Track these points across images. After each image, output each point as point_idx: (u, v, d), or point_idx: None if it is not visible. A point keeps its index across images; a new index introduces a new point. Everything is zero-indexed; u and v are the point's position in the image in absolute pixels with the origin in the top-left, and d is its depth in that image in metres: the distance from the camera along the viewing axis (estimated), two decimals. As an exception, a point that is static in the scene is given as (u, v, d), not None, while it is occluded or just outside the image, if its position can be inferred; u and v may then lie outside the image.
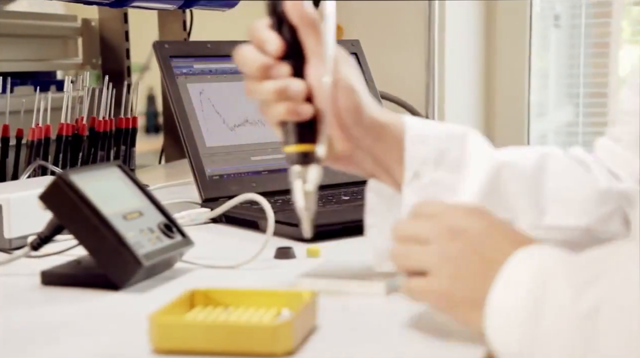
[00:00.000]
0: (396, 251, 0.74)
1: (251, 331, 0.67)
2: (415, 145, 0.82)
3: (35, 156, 1.32)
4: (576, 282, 0.63)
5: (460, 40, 2.19)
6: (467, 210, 0.72)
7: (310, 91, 0.79)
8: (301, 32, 0.79)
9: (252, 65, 0.79)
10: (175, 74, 1.27)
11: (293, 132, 0.79)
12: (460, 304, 0.69)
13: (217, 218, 1.19)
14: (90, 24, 1.91)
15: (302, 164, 0.79)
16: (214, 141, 1.26)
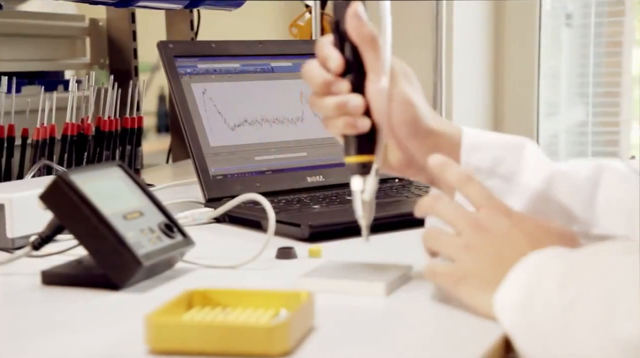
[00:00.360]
0: (429, 233, 0.81)
1: (247, 332, 0.66)
2: (470, 154, 0.86)
3: (40, 156, 1.33)
4: (563, 277, 0.70)
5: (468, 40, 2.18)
6: (502, 211, 0.79)
7: (369, 105, 0.84)
8: (361, 49, 0.84)
9: (315, 81, 0.85)
10: (180, 73, 1.27)
11: (352, 143, 0.85)
12: (473, 287, 0.76)
13: (221, 218, 1.19)
14: (98, 24, 1.91)
15: (361, 173, 0.84)
16: (218, 141, 1.26)
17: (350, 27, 0.84)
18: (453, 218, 0.80)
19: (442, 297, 0.81)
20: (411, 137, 0.85)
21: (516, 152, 0.87)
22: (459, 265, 0.78)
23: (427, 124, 0.86)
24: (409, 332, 0.75)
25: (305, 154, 1.32)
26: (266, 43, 1.36)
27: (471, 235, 0.78)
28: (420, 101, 0.86)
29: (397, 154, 0.87)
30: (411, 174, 0.90)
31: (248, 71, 1.33)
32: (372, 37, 0.84)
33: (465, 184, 0.81)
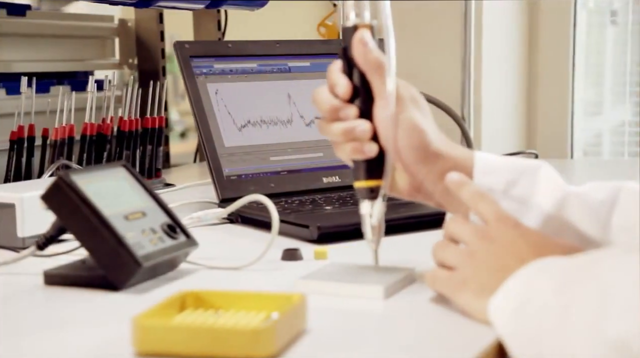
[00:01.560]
0: (438, 244, 0.82)
1: (232, 335, 0.66)
2: (483, 176, 0.85)
3: (59, 155, 1.33)
4: (558, 282, 0.69)
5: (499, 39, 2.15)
6: (510, 223, 0.79)
7: (377, 130, 0.84)
8: (367, 75, 0.85)
9: (323, 106, 0.85)
10: (195, 73, 1.27)
11: (361, 168, 0.85)
12: (470, 293, 0.76)
13: (234, 219, 1.19)
14: (127, 25, 1.93)
15: (370, 198, 0.85)
16: (233, 141, 1.26)
17: (357, 53, 0.84)
18: (461, 232, 0.81)
19: (442, 302, 0.80)
20: (419, 162, 0.85)
21: (530, 175, 0.85)
22: (459, 271, 0.79)
23: (436, 148, 0.85)
24: (401, 337, 0.74)
25: (321, 155, 1.31)
26: (284, 43, 1.36)
27: (476, 244, 0.79)
28: (429, 126, 0.85)
29: (405, 179, 0.87)
30: (421, 199, 0.89)
31: (265, 71, 1.32)
32: (378, 63, 0.84)
33: (478, 201, 0.81)
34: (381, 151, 0.84)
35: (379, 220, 0.85)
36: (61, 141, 1.34)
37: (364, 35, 0.84)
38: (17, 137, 1.33)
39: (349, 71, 0.85)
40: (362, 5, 0.86)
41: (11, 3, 1.80)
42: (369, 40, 0.84)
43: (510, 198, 0.84)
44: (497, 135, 2.06)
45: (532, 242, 0.77)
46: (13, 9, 1.68)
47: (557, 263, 0.72)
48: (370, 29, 0.85)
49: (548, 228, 0.84)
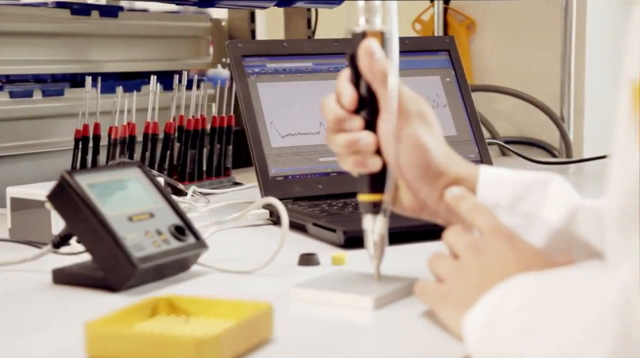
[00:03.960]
0: (433, 256, 0.79)
1: (176, 344, 0.64)
2: (488, 190, 0.81)
3: (120, 154, 1.35)
4: (526, 300, 0.65)
5: (604, 36, 2.04)
6: (503, 236, 0.75)
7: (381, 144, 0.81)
8: (373, 86, 0.81)
9: (328, 116, 0.83)
10: (247, 73, 1.26)
11: (364, 182, 0.82)
12: (451, 307, 0.73)
13: (276, 221, 1.17)
14: (220, 24, 1.95)
15: (373, 213, 0.82)
16: (281, 142, 1.24)
17: (362, 63, 0.81)
18: (456, 243, 0.77)
19: (433, 316, 0.76)
20: (420, 180, 0.82)
21: (540, 189, 0.81)
22: (445, 284, 0.76)
23: (438, 166, 0.81)
24: (373, 350, 0.71)
25: (375, 156, 1.28)
26: (342, 41, 1.33)
27: (466, 258, 0.75)
28: (433, 142, 0.82)
29: (409, 196, 0.83)
30: (426, 217, 0.85)
31: (320, 70, 1.30)
32: (383, 74, 0.81)
33: (475, 213, 0.78)
34: (386, 165, 0.81)
35: (381, 235, 0.82)
36: (122, 139, 1.36)
37: (371, 44, 0.81)
38: (82, 135, 1.36)
39: (356, 80, 0.82)
40: (373, 8, 0.82)
41: (104, 5, 1.86)
42: (376, 50, 0.81)
43: (516, 213, 0.80)
44: (600, 136, 1.96)
45: (522, 257, 0.73)
46: (106, 10, 1.73)
47: (530, 280, 0.67)
48: (381, 36, 0.82)
49: (556, 244, 0.79)
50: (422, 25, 2.04)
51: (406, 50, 1.36)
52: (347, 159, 0.82)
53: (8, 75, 1.69)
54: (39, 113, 1.51)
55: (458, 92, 1.37)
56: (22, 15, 1.54)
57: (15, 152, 1.46)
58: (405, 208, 0.84)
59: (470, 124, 1.36)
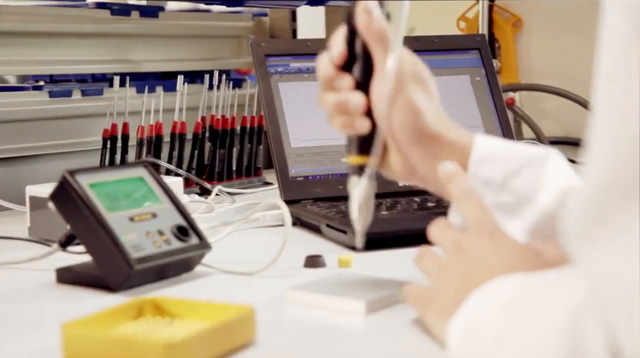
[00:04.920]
0: (419, 252, 0.77)
1: (147, 347, 0.64)
2: (480, 165, 0.78)
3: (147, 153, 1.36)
4: (502, 308, 0.63)
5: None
6: (487, 232, 0.72)
7: (372, 105, 0.79)
8: (369, 45, 0.79)
9: (319, 74, 0.81)
10: (269, 72, 1.25)
11: (353, 143, 0.81)
12: (435, 312, 0.70)
13: (295, 221, 1.16)
14: (263, 23, 1.94)
15: (360, 175, 0.80)
16: (302, 142, 1.23)
17: (360, 22, 0.79)
18: (441, 239, 0.76)
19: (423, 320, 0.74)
20: (412, 144, 0.79)
21: (536, 165, 0.77)
22: (431, 287, 0.74)
23: (432, 130, 0.78)
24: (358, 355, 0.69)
25: (399, 156, 1.26)
26: (368, 40, 1.31)
27: (451, 257, 0.73)
28: (428, 106, 0.79)
29: (399, 160, 0.81)
30: (417, 182, 0.82)
31: (345, 69, 1.28)
32: (381, 34, 0.79)
33: (463, 201, 0.75)
34: (375, 127, 0.79)
35: (365, 198, 0.79)
36: (149, 139, 1.37)
37: (369, 3, 0.79)
38: (110, 135, 1.37)
39: (350, 40, 0.80)
40: None
41: (144, 5, 1.87)
42: (374, 8, 0.79)
43: (509, 191, 0.77)
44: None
45: (505, 257, 0.70)
46: (146, 11, 1.74)
47: (507, 286, 0.65)
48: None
49: (547, 226, 0.75)
50: (467, 23, 2.01)
51: (435, 49, 1.34)
52: (335, 118, 0.81)
53: (51, 75, 1.72)
54: (76, 112, 1.53)
55: (488, 91, 1.34)
56: (63, 16, 1.56)
57: (53, 151, 1.48)
58: (396, 173, 0.82)
59: (500, 124, 1.33)
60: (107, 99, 1.55)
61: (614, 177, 0.52)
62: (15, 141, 1.42)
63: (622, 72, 0.53)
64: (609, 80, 0.54)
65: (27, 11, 1.52)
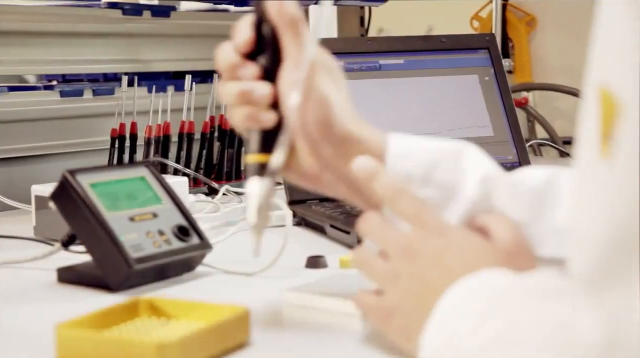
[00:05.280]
0: (359, 257, 0.71)
1: (137, 347, 0.64)
2: (399, 161, 0.72)
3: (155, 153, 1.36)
4: (478, 318, 0.59)
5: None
6: (435, 229, 0.67)
7: (279, 97, 0.73)
8: (280, 31, 0.73)
9: (220, 63, 0.74)
10: (276, 72, 1.25)
11: (255, 139, 0.73)
12: (401, 326, 0.66)
13: (300, 222, 1.16)
14: (274, 22, 1.94)
15: (261, 176, 0.73)
16: (308, 142, 1.23)
17: (272, 4, 0.72)
18: (382, 240, 0.69)
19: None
20: (324, 141, 0.72)
21: (453, 157, 0.72)
22: (386, 298, 0.68)
23: (345, 127, 0.72)
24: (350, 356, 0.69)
25: (407, 157, 1.25)
26: (376, 40, 1.31)
27: (399, 262, 0.67)
28: (341, 101, 0.73)
29: (308, 160, 0.73)
30: (323, 188, 0.76)
31: (353, 69, 1.28)
32: (294, 18, 0.72)
33: (396, 198, 0.69)
34: (281, 122, 0.73)
35: (264, 202, 0.72)
36: (157, 139, 1.37)
37: None
38: (119, 134, 1.37)
39: (258, 25, 0.73)
40: None
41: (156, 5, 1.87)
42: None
43: (432, 184, 0.71)
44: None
45: (462, 253, 0.66)
46: (158, 10, 1.74)
47: (480, 295, 0.61)
48: None
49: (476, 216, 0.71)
50: (481, 23, 2.00)
51: (444, 48, 1.33)
52: (238, 110, 0.73)
53: (64, 74, 1.73)
54: (87, 112, 1.53)
55: (497, 91, 1.33)
56: (76, 16, 1.57)
57: (63, 150, 1.49)
58: (304, 176, 0.75)
59: (509, 125, 1.32)
60: (118, 98, 1.55)
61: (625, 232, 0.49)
62: (26, 141, 1.43)
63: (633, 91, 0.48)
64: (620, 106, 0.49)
65: (40, 11, 1.53)
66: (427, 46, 1.32)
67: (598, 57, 0.53)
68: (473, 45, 1.35)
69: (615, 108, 0.50)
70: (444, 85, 1.30)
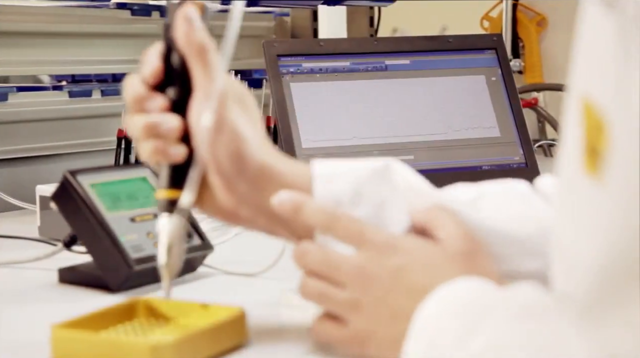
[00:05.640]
0: (308, 289, 0.68)
1: (131, 349, 0.64)
2: (326, 185, 0.69)
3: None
4: (460, 332, 0.57)
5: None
6: (385, 247, 0.65)
7: (189, 130, 0.70)
8: (188, 60, 0.70)
9: (127, 95, 0.71)
10: (281, 73, 1.25)
11: (165, 174, 0.70)
12: (380, 351, 0.64)
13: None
14: (284, 22, 1.94)
15: (170, 212, 0.69)
16: (312, 142, 1.23)
17: (179, 32, 0.69)
18: (330, 270, 0.66)
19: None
20: (237, 176, 0.69)
21: (381, 175, 0.69)
22: (353, 326, 0.65)
23: (259, 162, 0.69)
24: None
25: (412, 157, 1.25)
26: (382, 40, 1.31)
27: (356, 288, 0.65)
28: (253, 133, 0.70)
29: (223, 195, 0.70)
30: (242, 224, 0.73)
31: (358, 70, 1.27)
32: (202, 46, 0.69)
33: (332, 223, 0.67)
34: (192, 156, 0.69)
35: (175, 240, 0.69)
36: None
37: (190, 12, 0.69)
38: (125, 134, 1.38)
39: (167, 54, 0.70)
40: None
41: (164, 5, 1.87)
42: (195, 18, 0.69)
43: (364, 203, 0.68)
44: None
45: (417, 267, 0.64)
46: (165, 11, 1.74)
47: (453, 311, 0.60)
48: (202, 9, 0.70)
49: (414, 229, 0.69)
50: (491, 22, 2.00)
51: (450, 49, 1.33)
52: (145, 144, 0.70)
53: (74, 75, 1.73)
54: (96, 112, 1.54)
55: (504, 92, 1.33)
56: (85, 16, 1.57)
57: (71, 150, 1.49)
58: (219, 211, 0.71)
59: (515, 126, 1.31)
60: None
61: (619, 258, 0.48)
62: (34, 140, 1.43)
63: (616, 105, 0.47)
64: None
65: (49, 12, 1.54)
66: (433, 46, 1.31)
67: (580, 68, 0.52)
68: (480, 45, 1.35)
69: (599, 122, 0.48)
70: (450, 86, 1.30)
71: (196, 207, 0.72)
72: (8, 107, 1.42)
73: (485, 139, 1.29)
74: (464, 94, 1.30)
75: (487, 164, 1.28)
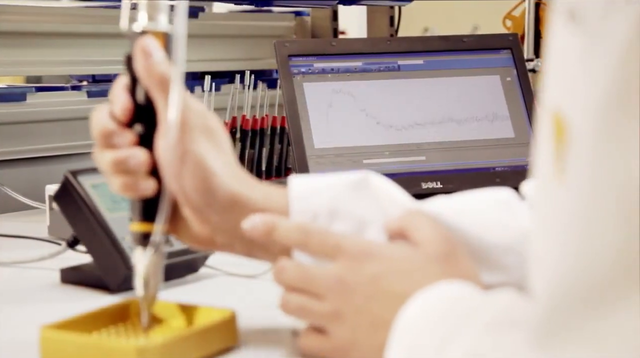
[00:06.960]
0: (288, 303, 0.67)
1: (117, 351, 0.64)
2: (303, 201, 0.68)
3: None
4: (438, 340, 0.57)
5: None
6: (361, 256, 0.64)
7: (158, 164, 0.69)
8: (151, 93, 0.69)
9: (94, 130, 0.70)
10: (292, 73, 1.24)
11: (136, 208, 0.70)
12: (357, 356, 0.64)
13: (314, 223, 1.15)
14: (305, 22, 1.93)
15: (145, 245, 0.70)
16: (324, 143, 1.22)
17: (139, 65, 0.69)
18: (309, 284, 0.66)
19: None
20: (207, 208, 0.69)
21: (361, 186, 0.69)
22: (335, 337, 0.65)
23: (229, 192, 0.68)
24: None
25: (424, 158, 1.24)
26: (396, 40, 1.30)
27: (336, 299, 0.64)
28: (221, 165, 0.69)
29: (198, 225, 0.70)
30: (220, 250, 0.73)
31: (370, 70, 1.27)
32: (162, 78, 0.68)
33: (306, 239, 0.66)
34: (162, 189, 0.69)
35: (151, 272, 0.69)
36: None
37: (149, 44, 0.69)
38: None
39: (133, 87, 0.70)
40: (157, 5, 0.70)
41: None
42: (154, 50, 0.69)
43: (342, 217, 0.68)
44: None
45: (396, 273, 0.63)
46: (186, 11, 1.74)
47: (432, 317, 0.59)
48: (164, 37, 0.70)
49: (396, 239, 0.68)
50: (513, 22, 1.97)
51: (464, 48, 1.31)
52: (115, 179, 0.70)
53: (94, 75, 1.74)
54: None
55: (519, 92, 1.31)
56: (104, 17, 1.58)
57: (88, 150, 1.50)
58: (196, 239, 0.72)
59: (530, 126, 1.29)
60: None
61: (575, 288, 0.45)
62: (53, 140, 1.45)
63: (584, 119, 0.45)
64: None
65: (70, 12, 1.55)
66: (447, 46, 1.30)
67: (550, 82, 0.51)
68: (495, 45, 1.33)
69: (564, 131, 0.47)
70: (464, 86, 1.28)
71: (172, 235, 0.72)
72: (27, 107, 1.44)
73: (499, 139, 1.27)
74: (478, 94, 1.28)
75: (501, 166, 1.26)
